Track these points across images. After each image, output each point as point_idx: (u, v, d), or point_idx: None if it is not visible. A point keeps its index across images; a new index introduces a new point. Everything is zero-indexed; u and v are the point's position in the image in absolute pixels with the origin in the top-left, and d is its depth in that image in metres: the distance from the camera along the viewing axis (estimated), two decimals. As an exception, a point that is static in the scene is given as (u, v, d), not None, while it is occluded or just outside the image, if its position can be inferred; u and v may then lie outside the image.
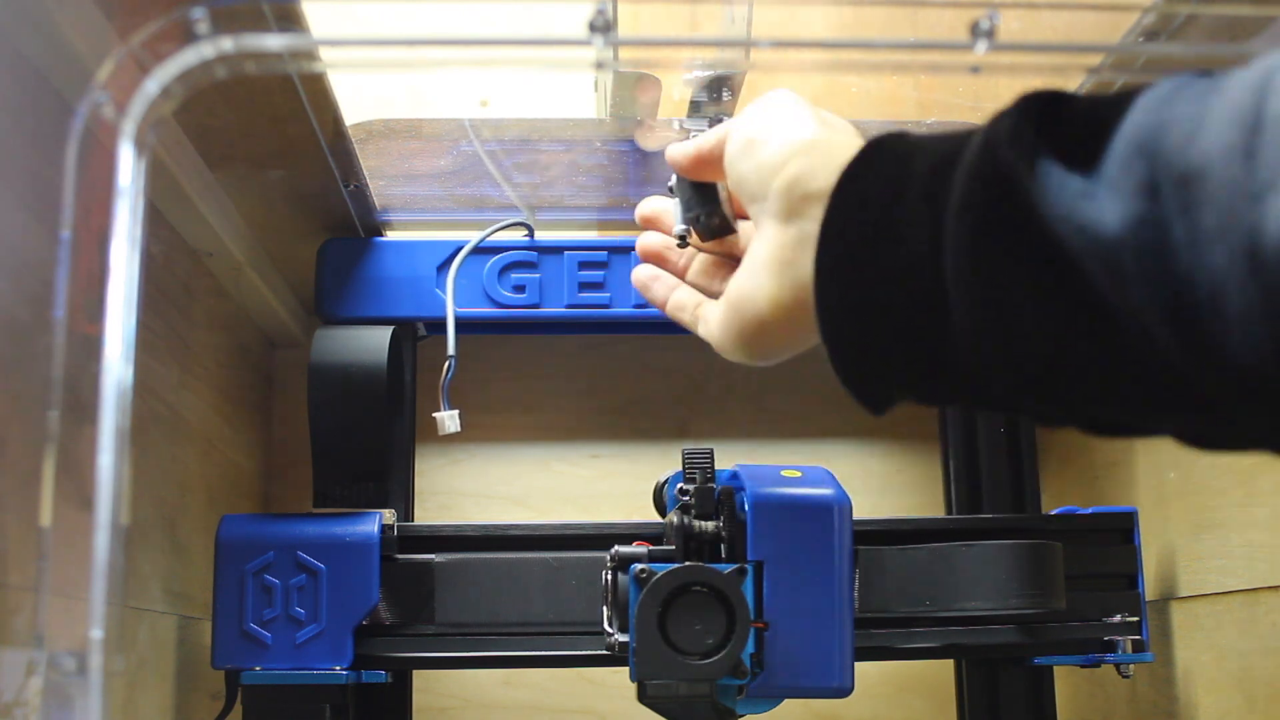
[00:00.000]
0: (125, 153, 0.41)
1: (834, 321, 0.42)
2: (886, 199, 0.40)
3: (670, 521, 0.76)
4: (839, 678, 0.75)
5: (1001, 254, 0.36)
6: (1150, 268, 0.32)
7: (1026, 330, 0.36)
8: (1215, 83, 0.33)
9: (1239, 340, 0.31)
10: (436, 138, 0.93)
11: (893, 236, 0.40)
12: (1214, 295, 0.31)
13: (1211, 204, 0.31)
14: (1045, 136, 0.36)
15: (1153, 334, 0.33)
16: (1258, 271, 0.30)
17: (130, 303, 0.40)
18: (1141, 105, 0.34)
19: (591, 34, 0.44)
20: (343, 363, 0.86)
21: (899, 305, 0.40)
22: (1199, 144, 0.32)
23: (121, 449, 0.39)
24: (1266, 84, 0.31)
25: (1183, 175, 0.32)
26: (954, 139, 0.40)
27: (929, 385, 0.42)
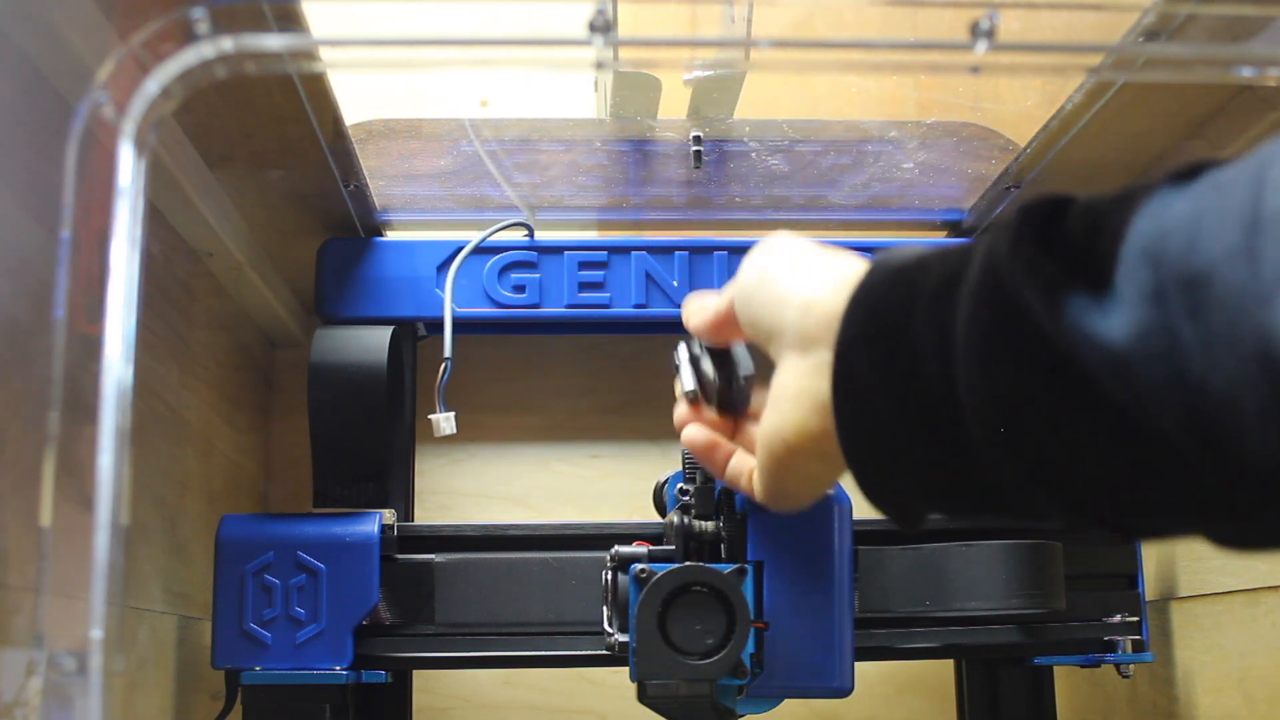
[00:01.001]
0: (125, 153, 0.41)
1: (855, 445, 0.42)
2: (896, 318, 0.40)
3: (670, 521, 0.76)
4: (839, 678, 0.75)
5: (1012, 370, 0.36)
6: (1163, 375, 0.32)
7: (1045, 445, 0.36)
8: (1213, 180, 0.33)
9: (1257, 442, 0.31)
10: (436, 138, 0.93)
11: (905, 355, 0.40)
12: (1229, 399, 0.31)
13: (1219, 307, 0.31)
14: (1046, 248, 0.36)
15: (1172, 440, 0.33)
16: (1271, 373, 0.30)
17: (130, 303, 0.40)
18: (1140, 208, 0.34)
19: (591, 34, 0.44)
20: (343, 363, 0.86)
21: (916, 423, 0.40)
22: (1201, 247, 0.31)
23: (121, 449, 0.39)
24: (1261, 179, 0.31)
25: (1188, 280, 0.31)
26: (958, 252, 0.40)
27: (953, 499, 0.42)
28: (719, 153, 0.95)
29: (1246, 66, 0.46)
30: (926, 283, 0.40)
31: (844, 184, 0.99)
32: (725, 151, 0.95)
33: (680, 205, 1.02)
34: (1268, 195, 0.30)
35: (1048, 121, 0.84)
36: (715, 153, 0.95)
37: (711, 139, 0.93)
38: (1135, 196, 0.34)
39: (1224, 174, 0.33)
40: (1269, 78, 0.46)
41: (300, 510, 0.88)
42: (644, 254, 0.94)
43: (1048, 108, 0.84)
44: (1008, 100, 0.91)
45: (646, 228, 1.06)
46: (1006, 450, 0.37)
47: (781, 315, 0.47)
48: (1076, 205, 0.36)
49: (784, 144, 0.94)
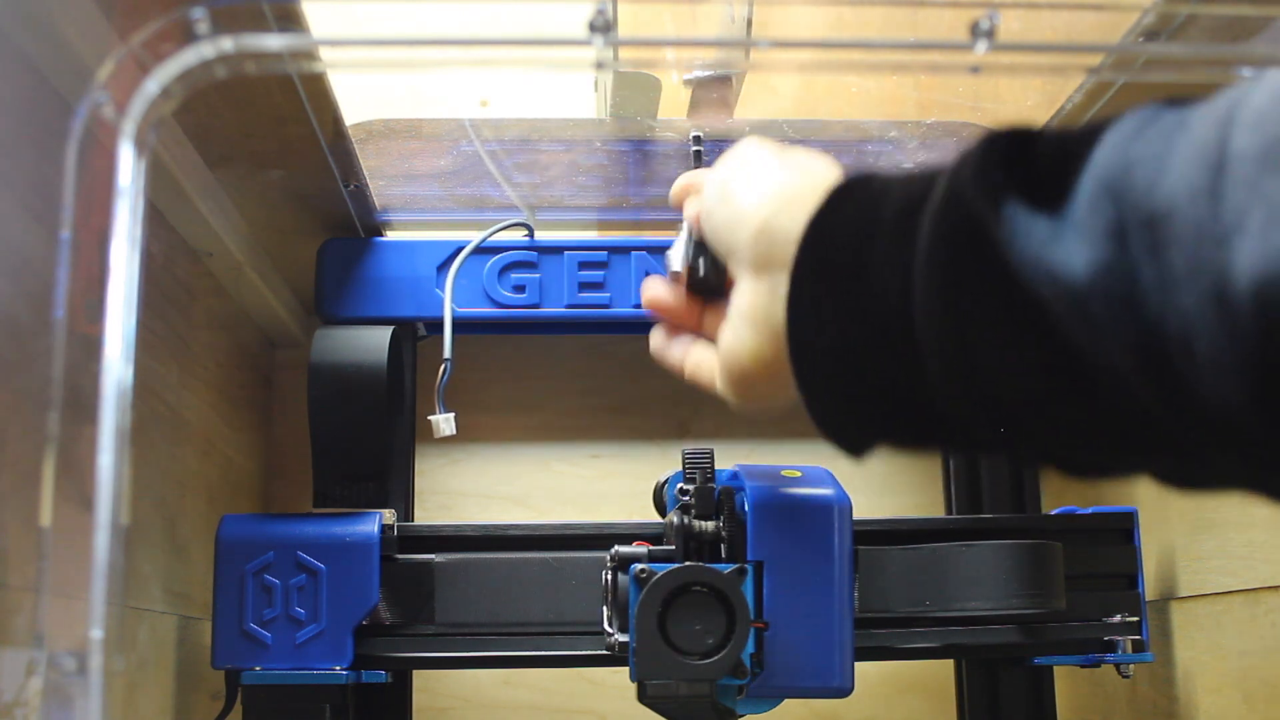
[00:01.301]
0: (125, 153, 0.41)
1: (806, 370, 0.42)
2: (854, 245, 0.40)
3: (670, 521, 0.76)
4: (839, 678, 0.75)
5: (970, 299, 0.36)
6: (1119, 312, 0.32)
7: (997, 375, 0.36)
8: (1181, 117, 0.33)
9: (1209, 384, 0.31)
10: (436, 138, 0.93)
11: (861, 283, 0.39)
12: (1184, 339, 0.31)
13: (1179, 246, 0.30)
14: (1011, 177, 0.35)
15: (1124, 378, 0.33)
16: (1227, 315, 0.29)
17: (130, 303, 0.40)
18: (1108, 144, 0.34)
19: (591, 34, 0.44)
20: (343, 363, 0.86)
21: (870, 352, 0.39)
22: (1165, 185, 0.31)
23: (121, 449, 0.39)
24: (1229, 119, 0.31)
25: (1149, 217, 0.31)
26: (921, 180, 0.39)
27: (904, 430, 0.42)
28: (719, 153, 0.95)
29: (1246, 66, 0.46)
30: (887, 208, 0.39)
31: (844, 184, 0.99)
32: (725, 151, 0.95)
33: (680, 205, 1.02)
34: (1235, 135, 0.30)
35: (1048, 121, 0.84)
36: (715, 153, 0.95)
37: (711, 139, 0.93)
38: (1102, 131, 0.34)
39: (1192, 113, 0.32)
40: None
41: (300, 510, 0.88)
42: (644, 254, 0.94)
43: (1048, 108, 0.84)
44: (1008, 100, 0.91)
45: (646, 228, 1.06)
46: (959, 379, 0.37)
47: (738, 234, 0.47)
48: (1044, 137, 0.36)
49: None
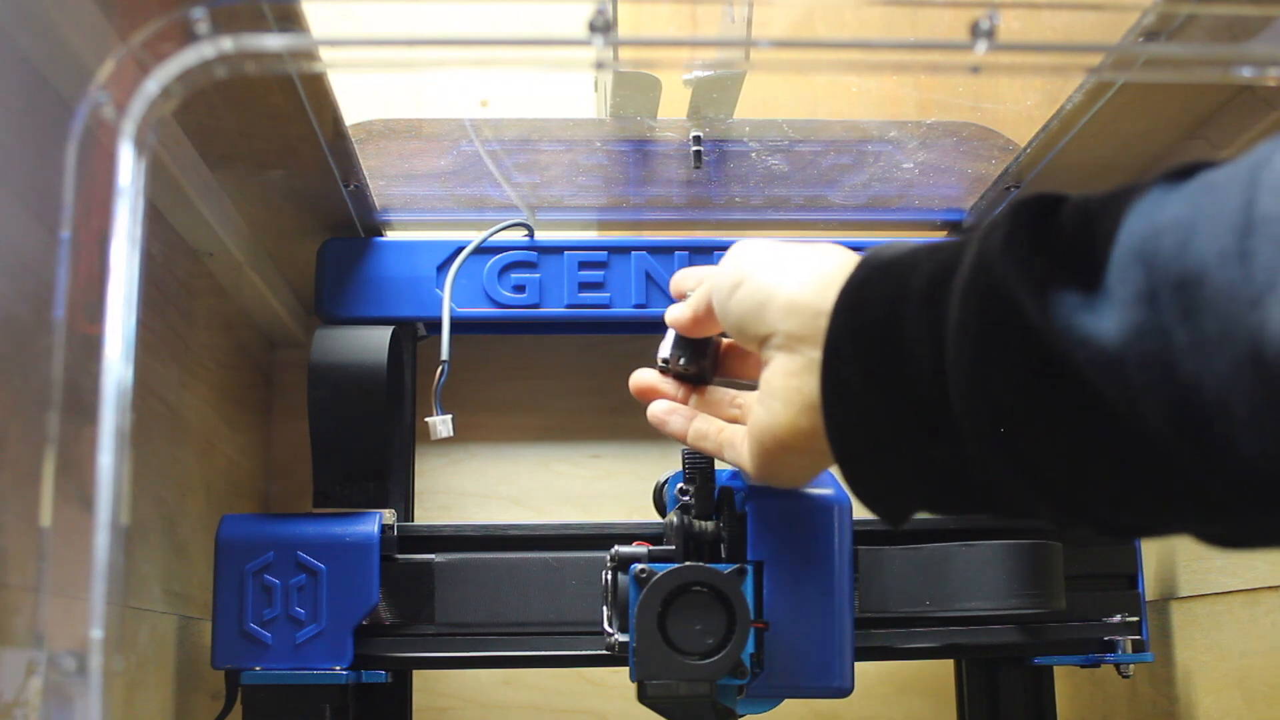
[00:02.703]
0: (125, 153, 0.41)
1: (843, 442, 0.42)
2: (885, 317, 0.40)
3: (670, 521, 0.76)
4: (839, 678, 0.75)
5: (1003, 370, 0.36)
6: (1155, 376, 0.32)
7: (1035, 444, 0.36)
8: (1206, 181, 0.33)
9: (1248, 444, 0.31)
10: (436, 138, 0.93)
11: (895, 354, 0.39)
12: (1220, 401, 0.31)
13: (1211, 309, 0.31)
14: (1039, 246, 0.35)
15: (1162, 441, 0.33)
16: (1262, 376, 0.30)
17: (130, 303, 0.40)
18: (1135, 209, 0.34)
19: (591, 34, 0.44)
20: (343, 363, 0.86)
21: (906, 423, 0.40)
22: (1194, 248, 0.31)
23: (121, 449, 0.39)
24: (1254, 181, 0.31)
25: (1180, 281, 0.31)
26: (949, 249, 0.39)
27: (942, 498, 0.42)
28: (719, 153, 0.95)
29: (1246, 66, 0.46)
30: (917, 280, 0.40)
31: (844, 184, 0.99)
32: (725, 151, 0.95)
33: (680, 205, 1.02)
34: (1261, 198, 0.30)
35: (1048, 121, 0.84)
36: (715, 153, 0.95)
37: (711, 139, 0.93)
38: (1128, 196, 0.34)
39: (1217, 175, 0.33)
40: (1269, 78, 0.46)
41: (300, 510, 0.88)
42: (644, 254, 0.94)
43: (1048, 108, 0.84)
44: (1008, 100, 0.91)
45: (646, 228, 1.06)
46: (996, 448, 0.37)
47: (765, 315, 0.47)
48: (1069, 204, 0.36)
49: (784, 144, 0.94)
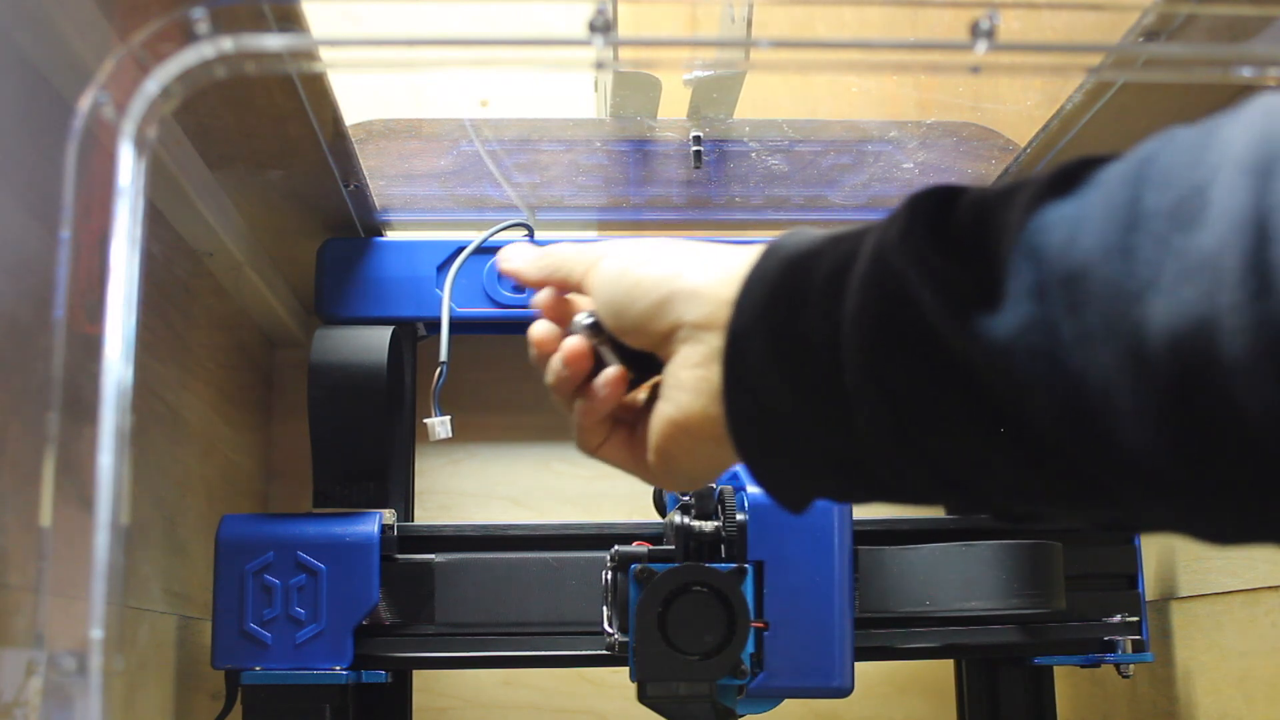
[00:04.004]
0: (125, 153, 0.41)
1: (743, 432, 0.43)
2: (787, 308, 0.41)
3: (670, 521, 0.76)
4: (839, 678, 0.75)
5: (899, 362, 0.37)
6: (1042, 369, 0.33)
7: (928, 434, 0.37)
8: (1094, 176, 0.34)
9: (1131, 436, 0.31)
10: (436, 138, 0.93)
11: (795, 347, 0.40)
12: (1105, 394, 0.32)
13: (1096, 303, 0.32)
14: (934, 240, 0.36)
15: (1050, 431, 0.34)
16: (1144, 370, 0.31)
17: (130, 303, 0.40)
18: (1025, 204, 0.34)
19: (591, 34, 0.44)
20: (343, 363, 0.86)
21: (805, 412, 0.40)
22: (1081, 244, 0.32)
23: (121, 449, 0.39)
24: (1140, 178, 0.32)
25: (1067, 276, 0.32)
26: (849, 239, 0.40)
27: (841, 487, 0.43)
28: (719, 153, 0.95)
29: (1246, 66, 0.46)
30: (818, 270, 0.40)
31: (844, 184, 0.99)
32: (725, 151, 0.95)
33: (680, 205, 1.02)
34: (1145, 194, 0.31)
35: (1048, 121, 0.84)
36: (715, 153, 0.95)
37: (711, 139, 0.93)
38: (1022, 191, 0.35)
39: (1105, 171, 0.33)
40: (1269, 78, 0.46)
41: (300, 510, 0.88)
42: (644, 254, 0.93)
43: (1048, 108, 0.84)
44: (1008, 100, 0.91)
45: (646, 228, 1.06)
46: (892, 439, 0.38)
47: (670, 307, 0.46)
48: (966, 197, 0.37)
49: (784, 144, 0.94)
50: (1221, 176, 0.30)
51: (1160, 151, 0.32)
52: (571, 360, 0.52)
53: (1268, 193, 0.29)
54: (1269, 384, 0.28)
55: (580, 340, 0.52)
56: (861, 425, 0.38)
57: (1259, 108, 0.31)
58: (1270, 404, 0.28)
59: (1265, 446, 0.29)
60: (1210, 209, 0.30)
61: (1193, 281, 0.30)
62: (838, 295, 0.39)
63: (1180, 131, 0.33)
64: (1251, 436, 0.29)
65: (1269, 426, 0.29)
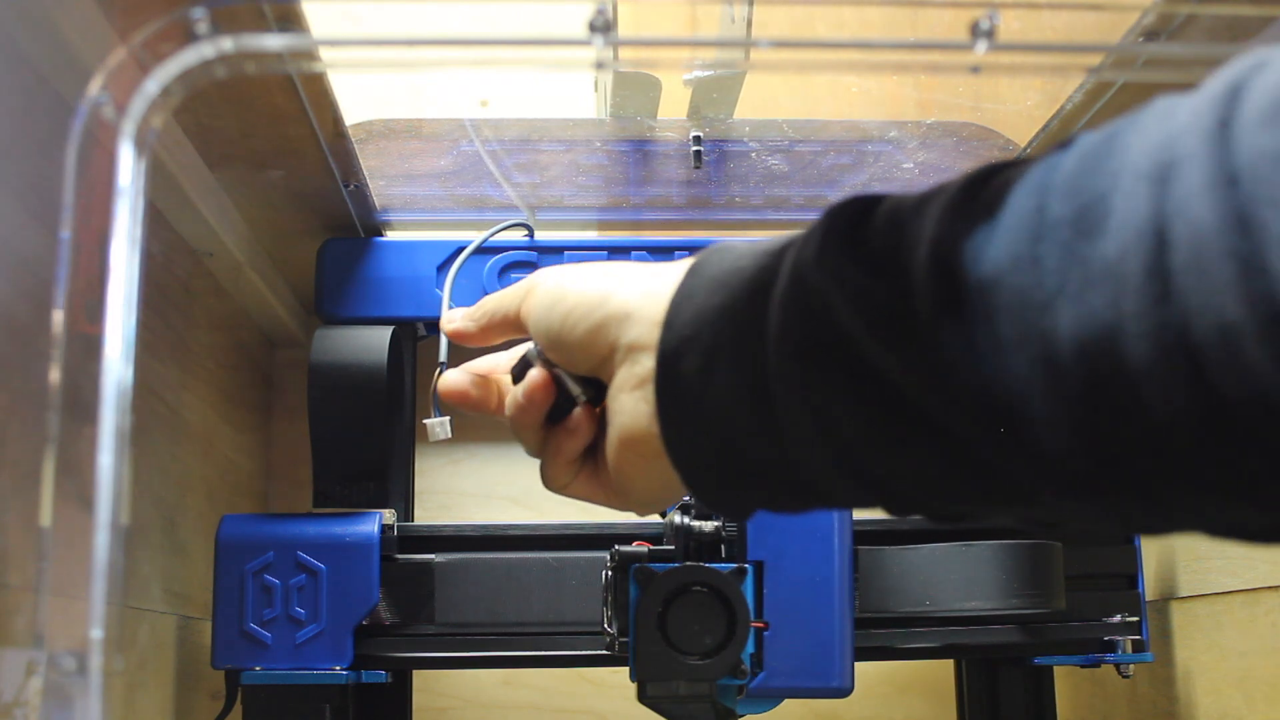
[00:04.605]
0: (125, 153, 0.41)
1: (680, 452, 0.43)
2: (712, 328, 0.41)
3: (670, 521, 0.76)
4: (839, 678, 0.75)
5: (823, 378, 0.37)
6: (959, 379, 0.34)
7: (855, 446, 0.37)
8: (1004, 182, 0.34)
9: (1047, 441, 0.32)
10: (436, 138, 0.93)
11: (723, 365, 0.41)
12: (1019, 401, 0.33)
13: (1007, 313, 0.32)
14: (848, 254, 0.37)
15: (968, 437, 0.35)
16: (1055, 377, 0.31)
17: (130, 303, 0.40)
18: (938, 215, 0.35)
19: (591, 34, 0.44)
20: (343, 363, 0.86)
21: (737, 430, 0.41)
22: (989, 254, 0.33)
23: (121, 449, 0.39)
24: (1045, 186, 0.33)
25: (979, 285, 0.33)
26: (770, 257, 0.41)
27: (779, 500, 0.43)
28: (719, 153, 0.95)
29: (1246, 66, 0.46)
30: (742, 288, 0.41)
31: (844, 184, 0.99)
32: (725, 151, 0.95)
33: (680, 205, 1.02)
34: (1050, 203, 0.32)
35: (1048, 121, 0.84)
36: (715, 153, 0.95)
37: (711, 139, 0.93)
38: (934, 201, 0.36)
39: (1013, 181, 0.34)
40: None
41: (300, 510, 0.88)
42: (644, 254, 0.94)
43: (1048, 108, 0.84)
44: (1008, 100, 0.91)
45: (646, 228, 1.06)
46: (820, 451, 0.38)
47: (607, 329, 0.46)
48: (882, 207, 0.38)
49: (784, 144, 0.94)
50: (1121, 184, 0.31)
51: (1064, 159, 0.33)
52: (534, 392, 0.51)
53: (1165, 199, 0.29)
54: (1172, 386, 0.29)
55: (539, 370, 0.50)
56: (791, 440, 0.39)
57: (1156, 112, 0.32)
58: (1175, 405, 0.29)
59: (1173, 444, 0.30)
60: (1111, 217, 0.31)
61: (1097, 289, 0.30)
62: (760, 313, 0.39)
63: (1084, 137, 0.33)
64: (1159, 437, 0.30)
65: (1176, 426, 0.30)
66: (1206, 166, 0.29)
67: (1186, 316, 0.29)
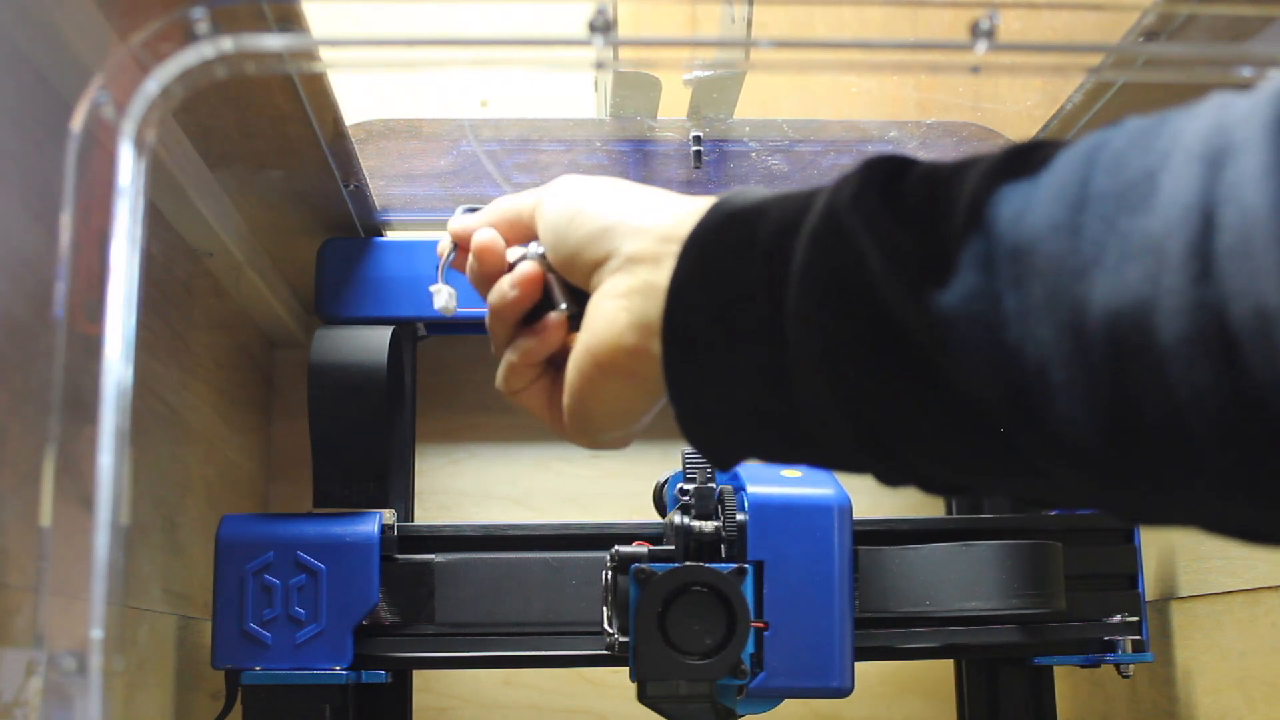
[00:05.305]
0: (125, 153, 0.41)
1: (678, 377, 0.42)
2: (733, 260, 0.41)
3: (670, 521, 0.76)
4: (839, 678, 0.75)
5: (841, 318, 0.37)
6: (982, 338, 0.34)
7: (864, 394, 0.37)
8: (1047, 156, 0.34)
9: (1063, 411, 0.32)
10: (436, 138, 0.93)
11: (739, 298, 0.40)
12: (1040, 367, 0.32)
13: (1040, 278, 0.32)
14: (886, 203, 0.37)
15: (983, 401, 0.34)
16: (1081, 345, 0.31)
17: (130, 303, 0.40)
18: (980, 178, 0.35)
19: (591, 34, 0.44)
20: (343, 363, 0.86)
21: (743, 367, 0.40)
22: (1029, 219, 0.33)
23: (121, 449, 0.39)
24: (1091, 159, 0.33)
25: (1014, 249, 0.33)
26: (798, 200, 0.40)
27: (770, 445, 0.43)
28: (719, 153, 0.95)
29: (1246, 66, 0.46)
30: (766, 224, 0.41)
31: (844, 184, 0.99)
32: (725, 151, 0.95)
33: (680, 205, 1.02)
34: (1096, 176, 0.32)
35: (1048, 121, 0.84)
36: (715, 153, 0.95)
37: (711, 139, 0.93)
38: (975, 165, 0.36)
39: (1058, 153, 0.34)
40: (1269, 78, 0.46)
41: (300, 510, 0.88)
42: (644, 254, 0.94)
43: (1048, 108, 0.84)
44: (1008, 100, 0.91)
45: (646, 228, 1.06)
46: (826, 393, 0.38)
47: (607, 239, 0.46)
48: (918, 167, 0.38)
49: (784, 144, 0.94)
50: (1172, 163, 0.31)
51: (1112, 137, 0.33)
52: (523, 283, 0.51)
53: (1216, 182, 0.29)
54: (1200, 367, 0.29)
55: (534, 265, 0.50)
56: (798, 380, 0.39)
57: (1213, 102, 0.32)
58: (1199, 387, 0.29)
59: (1190, 428, 0.30)
60: (1159, 194, 0.30)
61: (1136, 262, 0.30)
62: (785, 249, 0.39)
63: (1133, 120, 0.33)
64: (1178, 418, 0.30)
65: (1196, 409, 0.29)
66: (1263, 155, 0.29)
67: (1225, 298, 0.28)
